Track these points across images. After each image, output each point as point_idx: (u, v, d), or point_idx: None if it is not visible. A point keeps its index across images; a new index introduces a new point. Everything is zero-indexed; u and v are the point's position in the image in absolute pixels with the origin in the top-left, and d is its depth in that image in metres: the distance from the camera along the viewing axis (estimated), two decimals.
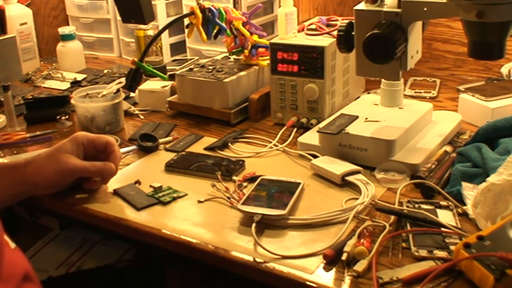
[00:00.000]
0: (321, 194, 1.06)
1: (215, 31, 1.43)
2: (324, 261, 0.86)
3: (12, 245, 0.85)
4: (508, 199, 0.90)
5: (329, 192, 1.07)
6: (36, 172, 1.05)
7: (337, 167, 1.10)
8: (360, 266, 0.83)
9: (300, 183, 1.06)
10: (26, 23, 1.89)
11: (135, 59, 1.37)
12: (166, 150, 1.27)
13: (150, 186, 1.10)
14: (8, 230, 0.88)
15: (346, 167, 1.10)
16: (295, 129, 1.30)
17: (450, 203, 0.99)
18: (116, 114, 1.38)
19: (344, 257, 0.85)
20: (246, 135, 1.32)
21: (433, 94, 1.50)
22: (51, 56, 2.03)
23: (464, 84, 1.46)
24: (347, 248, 0.86)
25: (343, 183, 1.08)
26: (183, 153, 1.24)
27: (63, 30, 1.87)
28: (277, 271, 0.86)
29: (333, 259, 0.86)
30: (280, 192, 1.03)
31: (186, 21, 1.45)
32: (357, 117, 1.21)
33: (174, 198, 1.06)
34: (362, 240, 0.88)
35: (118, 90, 1.40)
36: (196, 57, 1.78)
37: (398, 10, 1.06)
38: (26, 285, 0.83)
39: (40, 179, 1.05)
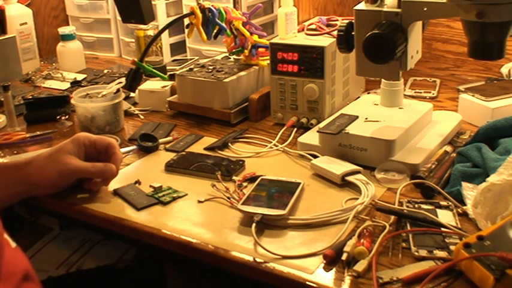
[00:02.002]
0: (321, 194, 1.06)
1: (215, 31, 1.43)
2: (324, 261, 0.86)
3: (13, 244, 0.85)
4: (508, 199, 0.90)
5: (329, 192, 1.07)
6: (36, 172, 1.05)
7: (337, 167, 1.10)
8: (360, 266, 0.83)
9: (300, 183, 1.06)
10: (26, 23, 1.89)
11: (135, 59, 1.37)
12: (166, 150, 1.27)
13: (150, 186, 1.10)
14: (8, 230, 0.88)
15: (346, 167, 1.10)
16: (295, 129, 1.30)
17: (450, 203, 0.99)
18: (116, 114, 1.38)
19: (344, 257, 0.85)
20: (246, 135, 1.32)
21: (433, 94, 1.50)
22: (51, 56, 2.03)
23: (464, 84, 1.46)
24: (347, 248, 0.86)
25: (343, 183, 1.08)
26: (183, 153, 1.24)
27: (63, 30, 1.87)
28: (277, 271, 0.86)
29: (333, 259, 0.86)
30: (280, 192, 1.03)
31: (186, 21, 1.45)
32: (357, 117, 1.21)
33: (174, 198, 1.06)
34: (362, 240, 0.88)
35: (118, 90, 1.40)
36: (196, 57, 1.78)
37: (399, 10, 1.06)
38: (26, 284, 0.83)
39: (40, 179, 1.05)
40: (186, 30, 1.44)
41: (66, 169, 1.05)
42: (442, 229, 0.91)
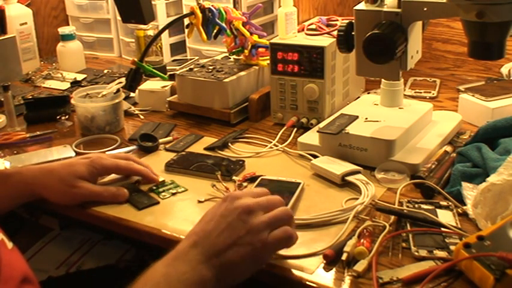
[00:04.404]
0: (321, 194, 1.06)
1: (215, 31, 1.43)
2: (324, 261, 0.86)
3: (10, 245, 0.84)
4: (508, 199, 0.90)
5: (329, 192, 1.07)
6: (46, 190, 1.06)
7: (337, 167, 1.10)
8: (360, 266, 0.83)
9: (300, 183, 1.06)
10: (26, 23, 1.89)
11: (135, 59, 1.37)
12: (166, 150, 1.27)
13: (151, 187, 1.11)
14: (8, 230, 0.87)
15: (346, 167, 1.10)
16: (295, 129, 1.30)
17: (450, 203, 0.99)
18: (116, 114, 1.38)
19: (344, 257, 0.85)
20: (246, 135, 1.32)
21: (433, 94, 1.50)
22: (51, 56, 2.03)
23: (464, 84, 1.46)
24: (347, 248, 0.86)
25: (343, 183, 1.08)
26: (183, 153, 1.24)
27: (63, 30, 1.87)
28: (277, 271, 0.86)
29: (333, 259, 0.86)
30: (280, 192, 1.03)
31: (186, 21, 1.45)
32: (357, 117, 1.21)
33: (174, 194, 1.07)
34: (362, 240, 0.88)
35: (118, 90, 1.40)
36: (196, 57, 1.78)
37: (399, 10, 1.06)
38: (25, 287, 0.82)
39: (50, 196, 1.06)
40: (186, 30, 1.44)
41: (78, 192, 1.05)
42: (442, 229, 0.91)
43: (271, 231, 0.82)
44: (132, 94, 1.55)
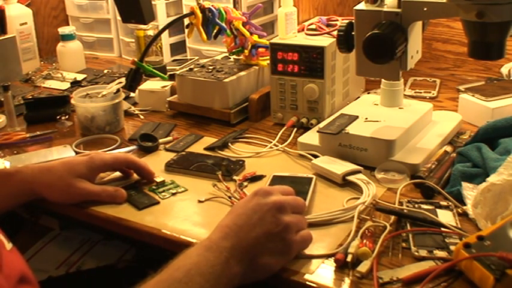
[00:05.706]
0: (321, 193, 1.06)
1: (215, 31, 1.43)
2: (336, 265, 0.85)
3: (8, 246, 0.84)
4: (508, 199, 0.90)
5: (330, 192, 1.07)
6: (45, 188, 1.06)
7: (338, 166, 1.10)
8: (364, 267, 0.83)
9: (312, 178, 1.06)
10: (26, 23, 1.89)
11: (135, 59, 1.37)
12: (166, 150, 1.27)
13: (151, 187, 1.11)
14: (8, 230, 0.87)
15: (347, 166, 1.10)
16: (295, 129, 1.30)
17: (450, 203, 0.99)
18: (116, 114, 1.38)
19: (349, 258, 0.85)
20: (246, 135, 1.32)
21: (433, 94, 1.50)
22: (51, 56, 2.03)
23: (464, 84, 1.46)
24: (351, 249, 0.86)
25: (344, 182, 1.08)
26: (183, 153, 1.24)
27: (63, 30, 1.87)
28: (277, 271, 0.86)
29: (344, 262, 0.85)
30: (295, 188, 0.97)
31: (186, 21, 1.45)
32: (357, 117, 1.21)
33: (174, 194, 1.07)
34: (365, 241, 0.88)
35: (118, 90, 1.40)
36: (196, 57, 1.78)
37: (399, 10, 1.06)
38: (23, 286, 0.82)
39: (48, 195, 1.06)
40: (186, 30, 1.44)
41: (75, 192, 1.05)
42: (442, 229, 0.91)
43: (297, 231, 0.86)
44: (132, 94, 1.55)
